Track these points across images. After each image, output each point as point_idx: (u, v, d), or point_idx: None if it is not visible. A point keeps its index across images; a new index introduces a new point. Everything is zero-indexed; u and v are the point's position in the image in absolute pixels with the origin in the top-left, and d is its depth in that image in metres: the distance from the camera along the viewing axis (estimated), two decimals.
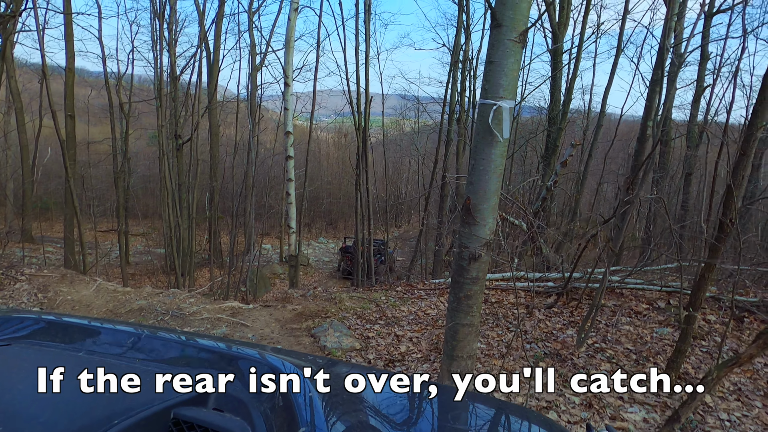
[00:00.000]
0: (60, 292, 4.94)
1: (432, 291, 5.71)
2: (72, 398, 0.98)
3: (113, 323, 1.54)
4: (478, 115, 2.47)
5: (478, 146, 2.45)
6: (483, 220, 2.51)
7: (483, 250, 2.55)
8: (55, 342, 1.36)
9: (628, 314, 5.03)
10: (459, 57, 13.98)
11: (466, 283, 2.61)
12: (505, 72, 2.33)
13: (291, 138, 5.82)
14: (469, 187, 2.52)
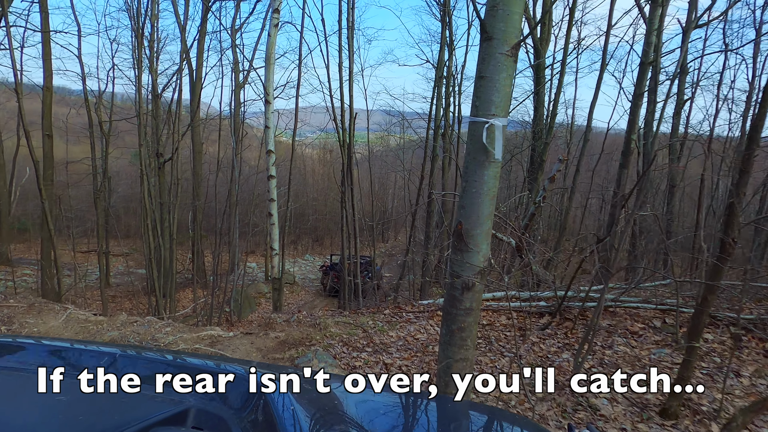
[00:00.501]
0: (26, 324, 4.62)
1: (421, 314, 5.50)
2: (48, 419, 0.96)
3: (80, 343, 1.51)
4: (468, 134, 2.30)
5: (470, 167, 2.28)
6: (476, 247, 2.32)
7: (477, 278, 2.36)
8: (16, 365, 1.32)
9: (624, 334, 4.87)
10: (443, 72, 13.99)
11: (459, 314, 2.42)
12: (497, 88, 2.17)
13: (273, 157, 5.62)
14: (461, 211, 2.33)
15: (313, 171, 39.41)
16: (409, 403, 1.44)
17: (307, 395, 1.24)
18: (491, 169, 2.25)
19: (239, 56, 16.13)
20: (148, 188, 11.35)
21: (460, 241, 2.33)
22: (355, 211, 11.23)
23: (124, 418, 0.98)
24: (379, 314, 5.58)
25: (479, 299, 2.43)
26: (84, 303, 16.96)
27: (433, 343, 4.61)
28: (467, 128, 2.55)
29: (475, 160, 2.26)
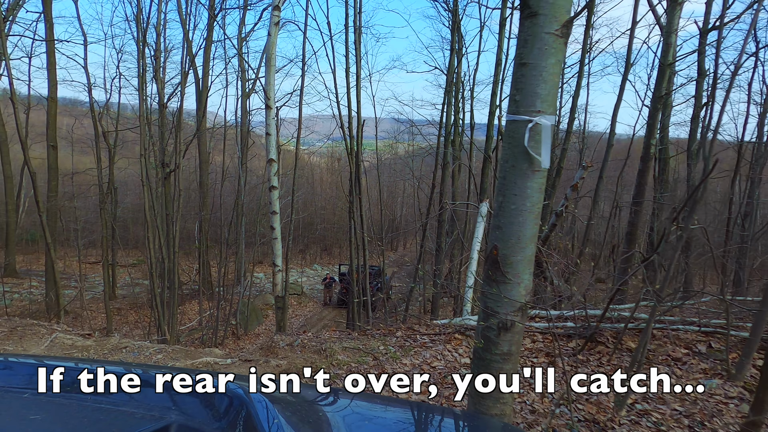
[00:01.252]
0: (5, 351, 4.23)
1: (437, 336, 5.03)
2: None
3: (56, 360, 1.46)
4: (505, 136, 1.84)
5: (508, 178, 1.82)
6: (516, 277, 1.86)
7: (517, 316, 1.89)
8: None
9: (666, 361, 4.35)
10: (454, 78, 13.59)
11: (494, 360, 1.94)
12: (543, 77, 1.71)
13: (274, 166, 5.21)
14: (496, 232, 1.87)
15: (321, 180, 39.15)
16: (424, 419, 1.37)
17: (293, 408, 1.21)
18: (535, 179, 1.79)
19: (245, 65, 15.85)
20: (152, 198, 11.01)
21: (496, 269, 1.86)
22: (364, 221, 10.81)
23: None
24: (390, 337, 5.12)
25: (519, 342, 1.96)
26: (89, 316, 16.66)
27: (451, 373, 4.13)
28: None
29: (514, 169, 1.80)
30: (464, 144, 14.37)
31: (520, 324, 1.90)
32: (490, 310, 1.91)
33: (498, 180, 1.88)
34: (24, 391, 1.21)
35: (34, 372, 1.31)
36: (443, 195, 13.40)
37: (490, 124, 13.24)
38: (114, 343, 5.08)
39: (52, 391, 1.21)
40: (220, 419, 1.08)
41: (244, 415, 1.05)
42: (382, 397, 3.86)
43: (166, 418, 1.05)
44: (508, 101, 1.82)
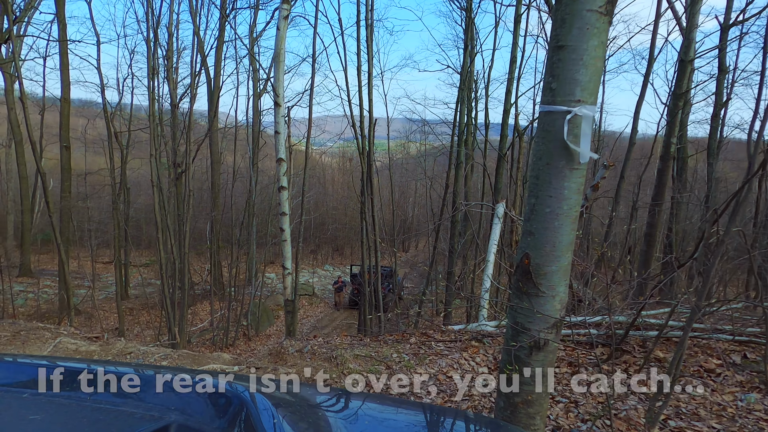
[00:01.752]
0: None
1: (453, 344, 4.81)
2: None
3: (61, 360, 1.46)
4: (538, 129, 1.62)
5: (542, 177, 1.60)
6: (551, 290, 1.64)
7: (551, 333, 1.67)
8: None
9: (698, 372, 4.08)
10: (467, 76, 13.33)
11: (525, 382, 1.73)
12: (583, 61, 1.49)
13: (284, 166, 5.03)
14: (528, 239, 1.65)
15: (332, 180, 39.06)
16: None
17: (293, 408, 1.21)
18: (574, 179, 1.57)
19: (257, 64, 15.75)
20: (162, 200, 10.93)
21: (528, 281, 1.64)
22: (376, 221, 10.62)
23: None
24: (403, 343, 4.91)
25: (552, 362, 1.74)
26: (101, 316, 16.71)
27: (469, 384, 3.91)
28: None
29: (549, 167, 1.58)
30: (478, 143, 14.11)
31: (555, 343, 1.68)
32: (520, 327, 1.69)
33: (530, 180, 1.67)
34: (24, 391, 1.19)
35: (34, 372, 1.31)
36: (456, 195, 13.15)
37: (505, 122, 12.97)
38: (119, 347, 4.94)
39: (52, 390, 1.20)
40: (220, 419, 1.07)
41: (244, 416, 1.05)
42: (393, 398, 3.67)
43: (166, 418, 1.05)
44: (542, 90, 1.60)
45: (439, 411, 1.60)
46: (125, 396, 1.18)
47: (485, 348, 4.65)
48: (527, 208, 1.66)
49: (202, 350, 14.32)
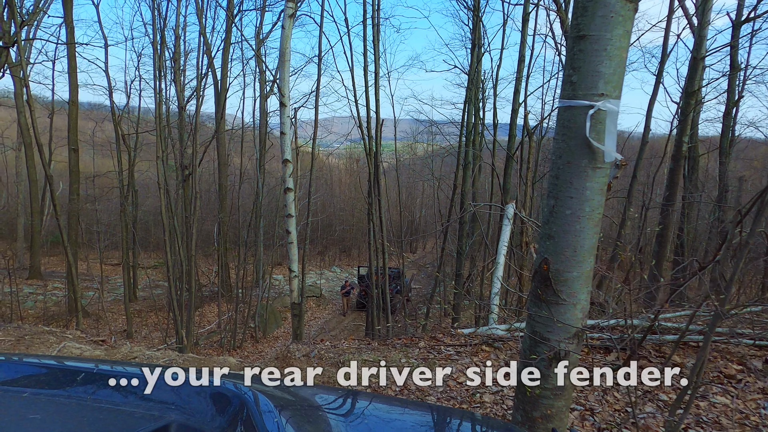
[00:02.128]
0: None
1: (462, 348, 4.70)
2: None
3: (62, 360, 1.46)
4: (558, 126, 1.52)
5: (562, 177, 1.50)
6: (572, 297, 1.54)
7: (573, 344, 1.56)
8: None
9: (719, 379, 3.93)
10: (474, 75, 13.20)
11: (543, 396, 1.62)
12: (607, 52, 1.39)
13: (290, 167, 4.94)
14: (546, 243, 1.55)
15: (339, 181, 39.01)
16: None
17: (293, 407, 1.20)
18: (596, 178, 1.47)
19: (264, 66, 15.73)
20: (168, 202, 10.91)
21: (547, 288, 1.54)
22: (383, 223, 10.52)
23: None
24: (412, 348, 4.81)
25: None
26: (110, 318, 16.76)
27: (480, 390, 3.80)
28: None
29: (570, 166, 1.47)
30: (487, 143, 13.98)
31: (576, 354, 1.57)
32: (539, 337, 1.58)
33: (549, 179, 1.56)
34: (24, 391, 1.18)
35: (34, 371, 1.31)
36: (464, 196, 13.02)
37: (513, 122, 12.81)
38: (124, 352, 4.88)
39: (52, 390, 1.20)
40: (220, 418, 1.07)
41: (244, 415, 1.04)
42: (400, 398, 3.57)
43: (165, 418, 1.05)
44: (561, 84, 1.50)
45: (446, 412, 1.56)
46: (125, 395, 1.18)
47: (496, 352, 4.54)
48: (546, 210, 1.55)
49: (212, 350, 14.31)
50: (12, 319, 10.95)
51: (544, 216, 1.55)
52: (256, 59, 16.50)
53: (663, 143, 15.12)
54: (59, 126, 21.18)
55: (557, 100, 11.78)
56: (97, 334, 14.07)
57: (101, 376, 1.26)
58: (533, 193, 9.81)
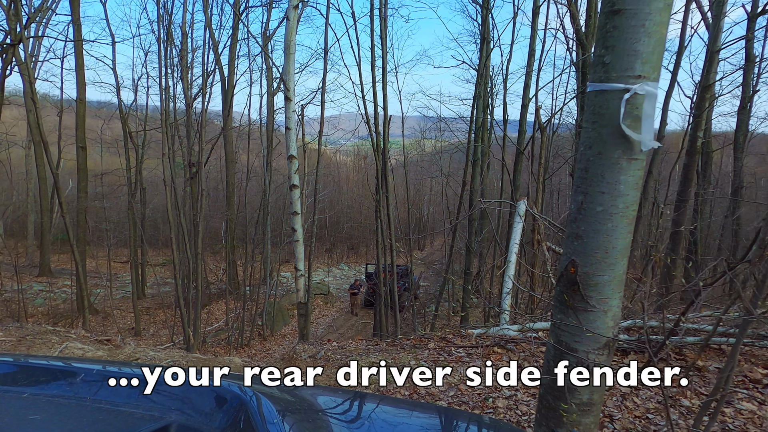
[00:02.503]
0: None
1: (473, 349, 4.54)
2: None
3: (62, 360, 1.46)
4: (588, 114, 1.36)
5: (593, 170, 1.34)
6: (602, 303, 1.38)
7: (603, 355, 1.41)
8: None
9: (744, 383, 3.75)
10: (483, 70, 12.99)
11: (569, 412, 1.47)
12: (646, 28, 1.23)
13: (295, 163, 4.81)
14: (575, 243, 1.40)
15: (347, 178, 38.92)
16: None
17: (293, 408, 1.19)
18: (631, 171, 1.31)
19: (270, 62, 15.62)
20: (175, 199, 10.84)
21: (574, 293, 1.39)
22: (391, 220, 10.38)
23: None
24: (422, 349, 4.66)
25: (603, 388, 1.48)
26: (118, 315, 16.80)
27: (493, 394, 3.65)
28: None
29: (601, 158, 1.32)
30: (497, 138, 13.78)
31: (607, 366, 1.42)
32: (565, 347, 1.43)
33: (576, 173, 1.40)
34: (24, 391, 1.19)
35: (34, 371, 1.30)
36: (474, 192, 12.84)
37: (523, 117, 12.61)
38: (127, 352, 4.79)
39: (52, 390, 1.19)
40: (220, 419, 1.06)
41: (244, 415, 1.04)
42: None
43: (165, 418, 1.04)
44: (592, 66, 1.34)
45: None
46: (125, 396, 1.17)
47: (509, 354, 4.38)
48: (573, 207, 1.40)
49: (219, 348, 14.26)
50: (20, 316, 10.96)
51: (570, 213, 1.40)
52: (263, 56, 16.41)
53: (672, 139, 14.82)
54: (69, 124, 21.26)
55: (569, 95, 11.48)
56: (104, 332, 14.09)
57: (101, 376, 1.26)
58: (545, 189, 9.63)
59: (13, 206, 29.96)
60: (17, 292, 11.69)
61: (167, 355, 4.75)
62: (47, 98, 30.26)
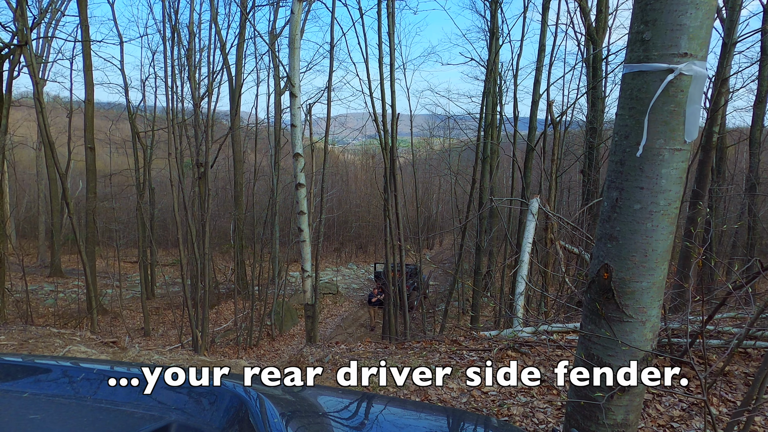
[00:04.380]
0: None
1: (486, 353, 4.39)
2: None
3: (62, 360, 1.46)
4: (624, 99, 1.21)
5: (629, 162, 1.19)
6: (640, 313, 1.23)
7: (639, 370, 1.26)
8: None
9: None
10: (492, 66, 12.79)
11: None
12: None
13: (301, 161, 4.68)
14: (608, 245, 1.24)
15: (355, 177, 38.83)
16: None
17: (293, 408, 1.18)
18: (675, 163, 1.15)
19: (278, 61, 15.54)
20: (181, 199, 10.79)
21: (608, 301, 1.23)
22: (400, 219, 10.24)
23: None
24: (432, 352, 4.51)
25: (639, 407, 1.32)
26: (128, 315, 16.84)
27: (508, 400, 3.49)
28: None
29: (639, 148, 1.16)
30: (508, 135, 13.59)
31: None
32: (596, 361, 1.28)
33: (610, 167, 1.25)
34: (24, 391, 1.18)
35: (35, 371, 1.29)
36: (483, 190, 12.66)
37: (533, 114, 12.40)
38: (131, 356, 4.70)
39: (52, 390, 1.18)
40: (221, 419, 1.06)
41: (245, 416, 1.03)
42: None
43: (166, 418, 1.04)
44: (628, 44, 1.18)
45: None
46: (125, 396, 1.16)
47: (523, 358, 4.22)
48: (606, 205, 1.24)
49: (228, 348, 14.22)
50: (27, 317, 10.98)
51: (603, 212, 1.24)
52: (270, 55, 16.33)
53: (702, 133, 14.49)
54: (79, 125, 21.38)
55: (580, 91, 11.16)
56: (113, 333, 14.09)
57: (101, 376, 1.25)
58: (557, 187, 9.43)
59: (25, 207, 30.27)
60: (24, 293, 11.71)
61: (171, 359, 4.65)
62: (59, 100, 30.50)
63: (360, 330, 17.32)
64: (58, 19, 19.94)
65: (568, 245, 6.83)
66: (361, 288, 24.05)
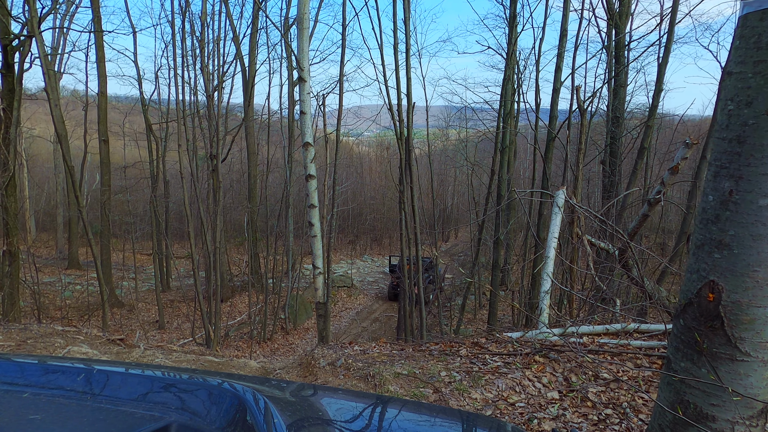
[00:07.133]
0: None
1: (511, 357, 4.04)
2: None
3: (63, 360, 1.47)
4: (742, 49, 0.86)
5: (751, 140, 0.84)
6: (761, 348, 0.89)
7: (756, 427, 0.92)
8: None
9: None
10: (512, 54, 12.30)
11: None
12: None
13: (311, 151, 4.38)
14: (715, 255, 0.90)
15: (369, 169, 38.52)
16: None
17: (293, 408, 1.17)
18: None
19: (291, 51, 15.23)
20: (193, 192, 10.61)
21: (714, 331, 0.89)
22: (416, 211, 9.91)
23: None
24: (453, 356, 4.19)
25: None
26: (143, 308, 16.87)
27: (538, 413, 3.16)
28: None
29: (764, 122, 0.82)
30: (531, 123, 13.15)
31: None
32: (692, 411, 0.94)
33: (717, 146, 0.90)
34: (24, 391, 1.17)
35: (35, 371, 1.29)
36: (502, 181, 12.24)
37: (554, 102, 11.93)
38: (136, 356, 4.48)
39: (52, 390, 1.18)
40: (221, 419, 1.05)
41: (245, 417, 1.03)
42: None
43: (166, 418, 1.03)
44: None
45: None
46: (125, 396, 1.16)
47: (552, 364, 3.89)
48: (711, 199, 0.90)
49: (240, 343, 14.11)
50: (40, 310, 10.96)
51: (706, 209, 0.90)
52: (282, 44, 16.04)
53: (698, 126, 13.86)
54: (94, 118, 21.44)
55: (603, 77, 10.69)
56: (128, 326, 14.07)
57: (101, 376, 1.26)
58: (582, 178, 9.01)
59: (44, 200, 30.65)
60: (35, 285, 11.71)
61: (176, 360, 4.42)
62: (77, 94, 30.70)
63: (375, 324, 17.11)
64: (73, 12, 19.91)
65: (594, 240, 6.45)
66: (375, 281, 23.82)
